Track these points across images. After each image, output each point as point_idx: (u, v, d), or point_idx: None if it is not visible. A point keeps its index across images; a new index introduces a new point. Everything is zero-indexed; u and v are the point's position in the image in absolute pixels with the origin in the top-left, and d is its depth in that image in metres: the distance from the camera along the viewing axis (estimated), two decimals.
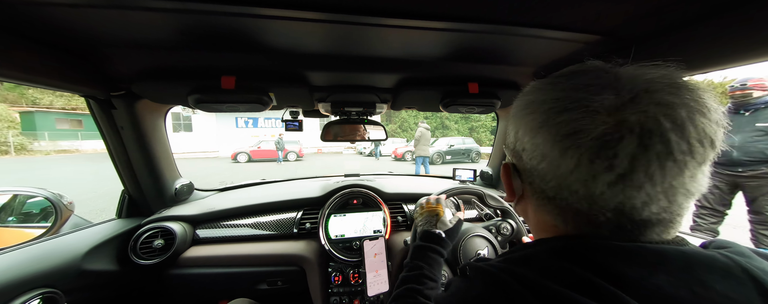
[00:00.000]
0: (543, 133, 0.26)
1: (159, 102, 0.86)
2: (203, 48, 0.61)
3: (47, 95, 17.13)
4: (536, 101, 0.28)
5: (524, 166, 0.30)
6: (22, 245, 0.73)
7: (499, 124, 1.24)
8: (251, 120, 15.74)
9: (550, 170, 0.26)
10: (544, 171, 0.27)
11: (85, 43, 0.58)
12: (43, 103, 16.83)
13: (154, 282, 0.95)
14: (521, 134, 0.29)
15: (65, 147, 14.79)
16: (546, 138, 0.26)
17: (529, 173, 0.30)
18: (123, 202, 1.00)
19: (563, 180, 0.25)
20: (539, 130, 0.27)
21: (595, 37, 0.56)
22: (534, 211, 0.32)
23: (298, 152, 11.95)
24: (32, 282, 0.65)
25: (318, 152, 15.80)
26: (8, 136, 12.57)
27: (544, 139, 0.26)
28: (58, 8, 0.44)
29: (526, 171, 0.30)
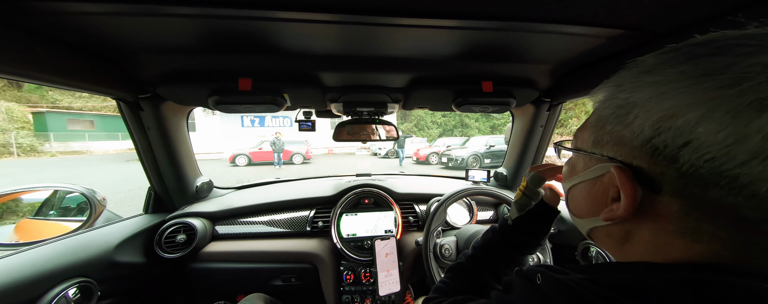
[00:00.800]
0: (750, 111, 0.16)
1: (181, 104, 0.91)
2: (222, 51, 0.64)
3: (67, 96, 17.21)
4: (738, 67, 0.18)
5: (679, 170, 0.19)
6: (61, 236, 0.80)
7: (515, 123, 1.21)
8: (258, 119, 14.60)
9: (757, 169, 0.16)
10: (753, 177, 0.17)
11: (117, 49, 0.62)
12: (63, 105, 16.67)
13: (177, 275, 1.00)
14: (690, 119, 0.18)
15: (77, 148, 14.64)
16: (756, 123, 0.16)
17: (695, 180, 0.19)
18: (149, 198, 1.06)
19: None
20: (762, 112, 0.16)
21: (617, 31, 0.53)
22: (662, 234, 0.22)
23: (304, 154, 10.68)
24: (70, 271, 0.70)
25: (329, 152, 14.99)
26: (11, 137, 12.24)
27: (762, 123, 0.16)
28: (94, 17, 0.48)
29: (682, 178, 0.19)
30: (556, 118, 1.09)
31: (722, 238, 0.20)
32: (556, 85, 0.90)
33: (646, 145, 0.21)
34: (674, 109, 0.19)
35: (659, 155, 0.20)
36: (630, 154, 0.23)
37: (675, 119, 0.19)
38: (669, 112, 0.19)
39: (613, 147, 0.24)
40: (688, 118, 0.19)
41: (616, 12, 0.48)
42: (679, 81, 0.19)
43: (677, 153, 0.19)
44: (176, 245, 0.96)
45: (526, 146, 1.17)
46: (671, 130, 0.19)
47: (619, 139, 0.24)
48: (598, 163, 0.26)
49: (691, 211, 0.20)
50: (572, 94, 0.88)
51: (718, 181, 0.18)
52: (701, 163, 0.18)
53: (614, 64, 0.24)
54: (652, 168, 0.21)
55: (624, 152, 0.23)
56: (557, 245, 0.99)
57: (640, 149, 0.22)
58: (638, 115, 0.21)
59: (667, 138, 0.20)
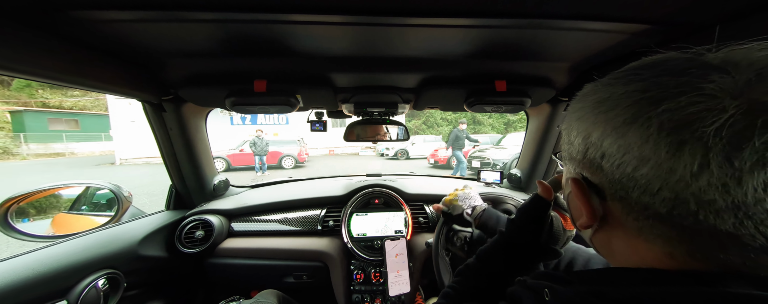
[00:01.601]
0: (636, 129, 0.20)
1: (201, 105, 0.95)
2: (239, 54, 0.66)
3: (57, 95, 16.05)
4: (615, 95, 0.23)
5: (607, 178, 0.23)
6: (92, 230, 0.85)
7: (530, 123, 1.17)
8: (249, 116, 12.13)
9: (658, 177, 0.20)
10: (646, 179, 0.20)
11: (144, 54, 0.66)
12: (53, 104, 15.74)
13: (196, 269, 1.04)
14: (597, 137, 0.23)
15: (58, 150, 13.52)
16: (642, 135, 0.20)
17: (617, 185, 0.23)
18: (171, 195, 1.12)
19: (684, 188, 0.19)
20: (630, 127, 0.21)
21: (642, 26, 0.50)
22: (629, 238, 0.25)
23: (297, 156, 8.93)
24: (100, 263, 0.75)
25: (330, 153, 13.51)
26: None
27: (638, 136, 0.20)
28: (124, 24, 0.51)
29: (611, 184, 0.23)
30: None
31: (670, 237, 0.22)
32: (574, 83, 0.86)
33: (584, 158, 0.26)
34: (589, 130, 0.24)
35: (593, 166, 0.25)
36: (579, 166, 0.27)
37: (591, 137, 0.24)
38: (587, 132, 0.25)
39: (570, 161, 0.29)
40: (597, 135, 0.24)
41: (641, 6, 0.45)
42: (589, 108, 0.25)
43: (600, 163, 0.24)
44: (195, 240, 1.00)
45: (541, 147, 1.13)
46: (592, 145, 0.24)
47: (571, 155, 0.28)
48: (567, 177, 0.30)
49: (630, 212, 0.23)
50: None
51: (630, 183, 0.22)
52: (614, 169, 0.23)
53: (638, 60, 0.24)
54: (594, 177, 0.26)
55: (576, 165, 0.28)
56: None
57: (581, 162, 0.26)
58: (574, 136, 0.27)
59: (592, 152, 0.24)
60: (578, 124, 0.26)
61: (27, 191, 0.86)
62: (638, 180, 0.21)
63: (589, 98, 0.25)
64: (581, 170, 0.27)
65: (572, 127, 0.27)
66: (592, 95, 0.25)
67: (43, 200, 1.02)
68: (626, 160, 0.21)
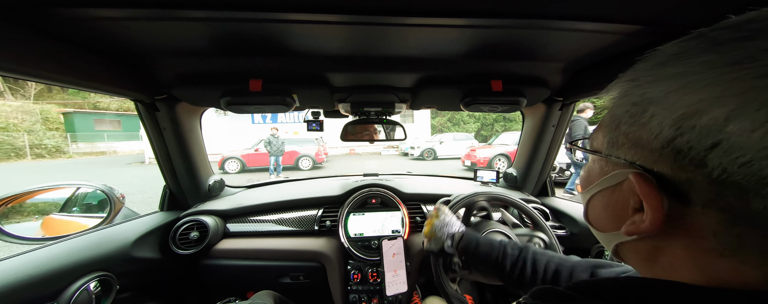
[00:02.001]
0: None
1: (195, 104, 0.93)
2: (234, 53, 0.66)
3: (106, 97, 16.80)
4: (752, 52, 0.15)
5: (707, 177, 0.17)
6: (83, 232, 0.84)
7: (525, 123, 1.18)
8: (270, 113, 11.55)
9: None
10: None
11: (136, 52, 0.65)
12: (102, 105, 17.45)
13: (190, 271, 1.03)
14: (720, 117, 0.16)
15: (102, 149, 15.17)
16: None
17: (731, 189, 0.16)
18: (165, 196, 1.10)
19: None
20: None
21: (635, 27, 0.51)
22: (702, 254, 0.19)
23: (314, 156, 8.23)
24: (92, 265, 0.73)
25: (350, 152, 12.72)
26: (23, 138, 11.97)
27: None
28: (116, 22, 0.50)
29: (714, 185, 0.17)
30: (569, 118, 1.06)
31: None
32: (568, 83, 0.87)
33: (666, 147, 0.18)
34: (698, 105, 0.17)
35: (684, 159, 0.18)
36: (650, 158, 0.20)
37: (699, 116, 0.16)
38: (692, 109, 0.17)
39: (630, 150, 0.21)
40: (715, 115, 0.16)
41: (633, 6, 0.46)
42: (704, 72, 0.17)
43: (705, 156, 0.16)
44: (190, 241, 0.99)
45: (537, 147, 1.14)
46: (696, 130, 0.17)
47: (636, 140, 0.21)
48: (616, 168, 0.23)
49: (731, 225, 0.17)
50: (586, 93, 0.86)
51: (759, 189, 0.15)
52: (735, 167, 0.16)
53: (631, 61, 0.23)
54: (676, 174, 0.18)
55: (643, 155, 0.20)
56: (570, 248, 0.96)
57: (661, 152, 0.19)
58: (656, 113, 0.19)
59: (691, 139, 0.17)
60: (670, 97, 0.18)
61: (15, 192, 0.84)
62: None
63: (701, 58, 0.17)
64: (652, 162, 0.20)
65: (652, 100, 0.19)
66: (702, 55, 0.17)
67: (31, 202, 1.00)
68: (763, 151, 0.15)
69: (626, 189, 0.22)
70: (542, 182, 1.23)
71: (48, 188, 1.08)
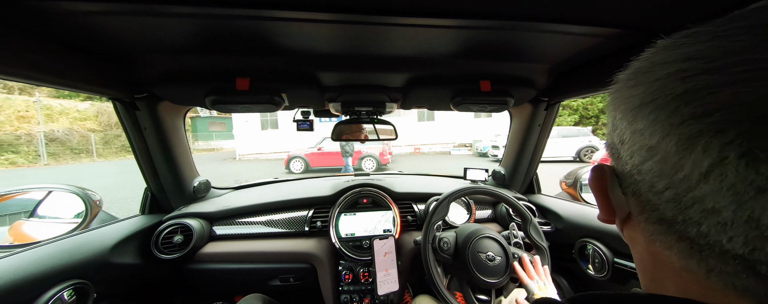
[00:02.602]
0: (647, 112, 0.17)
1: (178, 103, 0.90)
2: (220, 51, 0.64)
3: None
4: (649, 66, 0.18)
5: (622, 167, 0.21)
6: (56, 238, 0.79)
7: (513, 122, 1.21)
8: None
9: (661, 173, 0.17)
10: (652, 174, 0.17)
11: (114, 49, 0.61)
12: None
13: (175, 276, 0.99)
14: (619, 118, 0.20)
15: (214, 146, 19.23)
16: (654, 120, 0.17)
17: (629, 178, 0.20)
18: (146, 199, 1.05)
19: (686, 193, 0.15)
20: (641, 110, 0.18)
21: (615, 30, 0.54)
22: (648, 242, 0.21)
23: (378, 156, 7.23)
24: (66, 273, 0.69)
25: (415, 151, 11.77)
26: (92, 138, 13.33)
27: (650, 122, 0.17)
28: (91, 16, 0.47)
29: (625, 175, 0.21)
30: (554, 118, 1.10)
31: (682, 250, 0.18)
32: (553, 84, 0.90)
33: (610, 142, 0.23)
34: (615, 112, 0.21)
35: (615, 152, 0.22)
36: (609, 152, 0.24)
37: (615, 119, 0.21)
38: (614, 112, 0.22)
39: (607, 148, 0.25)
40: (619, 117, 0.20)
41: (613, 11, 0.48)
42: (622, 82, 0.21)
43: (619, 149, 0.21)
44: (173, 245, 0.95)
45: (524, 145, 1.17)
46: (617, 128, 0.21)
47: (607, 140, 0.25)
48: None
49: (642, 211, 0.20)
50: (570, 93, 0.89)
51: (639, 176, 0.19)
52: (628, 158, 0.20)
53: (611, 63, 0.25)
54: (617, 166, 0.22)
55: (607, 151, 0.25)
56: (555, 243, 0.99)
57: (609, 146, 0.23)
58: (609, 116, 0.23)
59: (617, 135, 0.21)
60: (611, 101, 0.22)
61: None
62: (644, 174, 0.18)
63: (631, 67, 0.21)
64: (610, 155, 0.24)
65: (609, 104, 0.23)
66: (636, 63, 0.20)
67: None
68: (636, 149, 0.18)
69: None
70: (529, 179, 1.26)
71: (17, 192, 1.01)
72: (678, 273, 0.19)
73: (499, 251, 0.79)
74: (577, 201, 1.17)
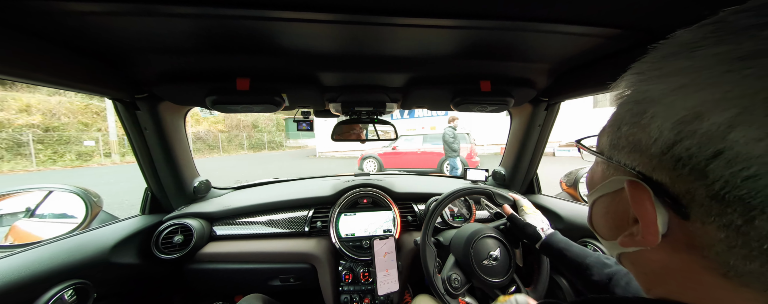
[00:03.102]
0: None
1: (179, 104, 0.90)
2: (220, 51, 0.64)
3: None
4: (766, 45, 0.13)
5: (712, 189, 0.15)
6: (56, 238, 0.79)
7: (513, 122, 1.21)
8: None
9: None
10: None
11: (114, 49, 0.61)
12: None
13: (175, 276, 0.99)
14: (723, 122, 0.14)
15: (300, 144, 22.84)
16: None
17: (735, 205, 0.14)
18: (146, 199, 1.05)
19: None
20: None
21: (615, 31, 0.54)
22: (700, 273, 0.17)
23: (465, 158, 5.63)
24: (66, 273, 0.69)
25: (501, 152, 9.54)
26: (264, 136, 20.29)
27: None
28: (92, 17, 0.47)
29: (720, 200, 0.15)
30: (554, 118, 1.10)
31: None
32: (553, 84, 0.90)
33: (666, 153, 0.16)
34: (700, 107, 0.14)
35: (684, 168, 0.16)
36: (649, 164, 0.18)
37: (701, 121, 0.14)
38: (694, 111, 0.15)
39: (629, 154, 0.20)
40: (717, 120, 0.14)
41: (613, 11, 0.48)
42: (711, 67, 0.14)
43: (706, 166, 0.15)
44: (173, 246, 0.95)
45: (524, 146, 1.17)
46: (696, 135, 0.15)
47: (635, 144, 0.19)
48: (616, 173, 0.21)
49: (734, 246, 0.15)
50: (570, 94, 0.89)
51: (765, 206, 0.13)
52: (738, 181, 0.14)
53: (611, 63, 0.24)
54: (675, 184, 0.16)
55: (642, 160, 0.18)
56: None
57: (660, 159, 0.17)
58: (656, 114, 0.17)
59: (692, 145, 0.15)
60: (672, 97, 0.16)
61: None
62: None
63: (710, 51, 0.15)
64: (651, 169, 0.18)
65: (653, 99, 0.17)
66: (721, 46, 0.14)
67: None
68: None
69: (626, 197, 0.20)
70: (529, 179, 1.26)
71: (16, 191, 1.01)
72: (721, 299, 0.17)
73: (501, 248, 0.79)
74: (577, 201, 1.17)
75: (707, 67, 0.15)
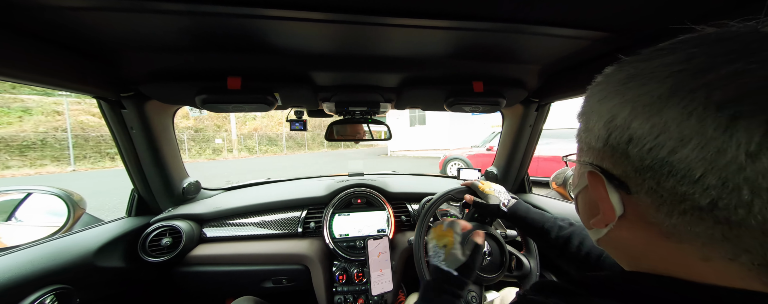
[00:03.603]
0: (675, 104, 0.18)
1: (167, 103, 0.88)
2: (210, 49, 0.62)
3: None
4: (648, 69, 0.20)
5: (633, 166, 0.21)
6: (36, 242, 0.75)
7: (505, 123, 1.23)
8: None
9: (701, 159, 0.17)
10: (685, 163, 0.17)
11: (98, 46, 0.59)
12: None
13: (163, 280, 0.96)
14: (624, 118, 0.20)
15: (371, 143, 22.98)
16: (683, 110, 0.17)
17: (647, 173, 0.20)
18: (132, 201, 1.02)
19: (735, 173, 0.16)
20: (667, 102, 0.18)
21: (602, 34, 0.55)
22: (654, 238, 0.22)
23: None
24: (46, 278, 0.66)
25: None
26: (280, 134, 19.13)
27: (678, 112, 0.17)
28: (75, 12, 0.46)
29: (638, 173, 0.20)
30: (544, 118, 1.12)
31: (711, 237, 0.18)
32: (543, 85, 0.92)
33: (604, 146, 0.23)
34: (613, 110, 0.22)
35: (616, 153, 0.22)
36: (598, 157, 0.24)
37: (615, 119, 0.21)
38: (610, 114, 0.22)
39: (586, 154, 0.26)
40: (624, 116, 0.21)
41: (601, 15, 0.50)
42: (614, 86, 0.22)
43: (626, 149, 0.21)
44: (161, 248, 0.92)
45: (515, 146, 1.20)
46: (617, 129, 0.21)
47: (588, 144, 0.25)
48: (582, 169, 0.27)
49: (660, 205, 0.20)
50: (559, 95, 0.91)
51: (663, 169, 0.19)
52: (644, 154, 0.20)
53: (599, 66, 0.25)
54: (616, 168, 0.22)
55: (593, 155, 0.25)
56: None
57: (602, 151, 0.23)
58: (594, 120, 0.23)
59: (615, 136, 0.21)
60: (599, 107, 0.23)
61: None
62: (675, 165, 0.18)
63: (614, 77, 0.23)
64: (600, 160, 0.24)
65: (592, 111, 0.24)
66: (618, 73, 0.22)
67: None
68: (660, 141, 0.18)
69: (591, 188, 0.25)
70: (520, 179, 1.29)
71: None
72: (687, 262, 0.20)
73: (495, 247, 0.80)
74: (566, 200, 1.20)
75: (613, 86, 0.22)
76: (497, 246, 0.82)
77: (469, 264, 0.54)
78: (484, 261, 0.77)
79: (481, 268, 0.77)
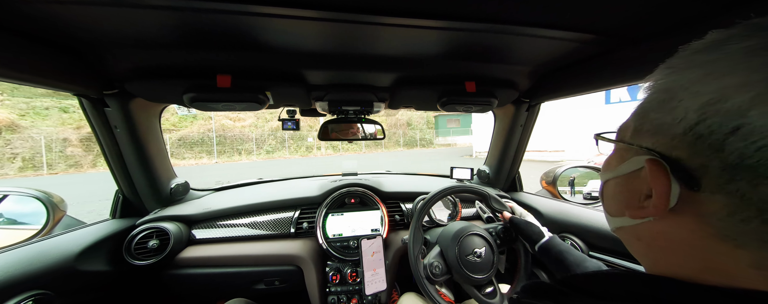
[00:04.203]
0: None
1: (153, 101, 0.85)
2: (199, 46, 0.61)
3: None
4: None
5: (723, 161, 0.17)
6: (13, 246, 0.72)
7: (496, 123, 1.25)
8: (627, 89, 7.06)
9: None
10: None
11: (78, 41, 0.57)
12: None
13: (150, 283, 0.94)
14: (742, 103, 0.16)
15: (449, 142, 22.14)
16: None
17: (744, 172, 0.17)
18: (117, 202, 0.99)
19: None
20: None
21: (591, 36, 0.57)
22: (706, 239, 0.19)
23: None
24: (23, 284, 0.63)
25: None
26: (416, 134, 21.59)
27: None
28: (52, 5, 0.43)
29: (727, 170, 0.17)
30: (535, 118, 1.14)
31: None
32: (534, 86, 0.94)
33: (688, 132, 0.19)
34: (724, 91, 0.17)
35: (703, 143, 0.18)
36: (669, 144, 0.20)
37: (724, 102, 0.17)
38: (718, 95, 0.17)
39: (651, 137, 0.22)
40: (739, 100, 0.16)
41: (590, 18, 0.51)
42: (735, 58, 0.17)
43: (724, 140, 0.17)
44: (148, 251, 0.90)
45: (507, 145, 1.22)
46: (719, 114, 0.17)
47: (659, 126, 0.21)
48: (634, 155, 0.23)
49: (737, 211, 0.17)
50: (549, 95, 0.93)
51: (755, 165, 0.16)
52: (752, 151, 0.16)
53: (587, 67, 0.26)
54: (692, 159, 0.19)
55: (662, 141, 0.21)
56: None
57: (681, 138, 0.19)
58: (683, 99, 0.19)
59: (714, 123, 0.17)
60: (700, 84, 0.18)
61: None
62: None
63: (731, 46, 0.18)
64: (671, 148, 0.20)
65: (682, 87, 0.19)
66: (739, 42, 0.17)
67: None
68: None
69: (643, 176, 0.22)
70: (511, 178, 1.31)
71: None
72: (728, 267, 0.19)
73: (486, 247, 0.82)
74: (555, 198, 1.23)
75: (732, 57, 0.17)
76: (487, 246, 0.83)
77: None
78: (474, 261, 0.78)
79: (470, 267, 0.78)
